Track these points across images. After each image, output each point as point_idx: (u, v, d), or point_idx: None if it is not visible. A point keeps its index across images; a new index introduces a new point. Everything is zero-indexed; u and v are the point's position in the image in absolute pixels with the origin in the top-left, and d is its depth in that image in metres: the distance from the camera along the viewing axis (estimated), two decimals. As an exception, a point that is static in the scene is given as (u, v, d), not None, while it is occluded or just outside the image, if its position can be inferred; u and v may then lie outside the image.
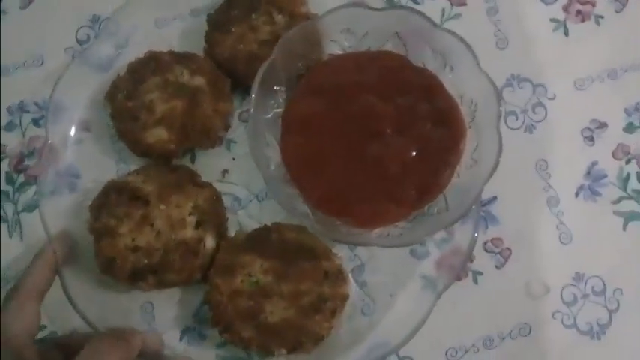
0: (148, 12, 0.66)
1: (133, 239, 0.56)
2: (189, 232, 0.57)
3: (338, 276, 0.57)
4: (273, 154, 0.59)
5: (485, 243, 0.63)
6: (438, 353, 0.60)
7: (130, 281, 0.56)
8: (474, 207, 0.56)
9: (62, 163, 0.62)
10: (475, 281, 0.62)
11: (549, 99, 0.67)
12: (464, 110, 0.58)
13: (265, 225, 0.59)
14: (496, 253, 0.63)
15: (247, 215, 0.63)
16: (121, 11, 0.65)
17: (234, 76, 0.63)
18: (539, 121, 0.66)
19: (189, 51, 0.64)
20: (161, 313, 0.60)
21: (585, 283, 0.62)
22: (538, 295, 0.62)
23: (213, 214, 0.59)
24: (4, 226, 0.63)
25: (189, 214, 0.58)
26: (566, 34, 0.69)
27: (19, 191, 0.64)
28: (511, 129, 0.66)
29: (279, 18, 0.64)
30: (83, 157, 0.63)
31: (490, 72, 0.65)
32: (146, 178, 0.59)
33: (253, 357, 0.59)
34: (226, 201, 0.62)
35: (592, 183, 0.65)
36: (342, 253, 0.60)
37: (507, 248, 0.63)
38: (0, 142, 0.66)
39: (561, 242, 0.63)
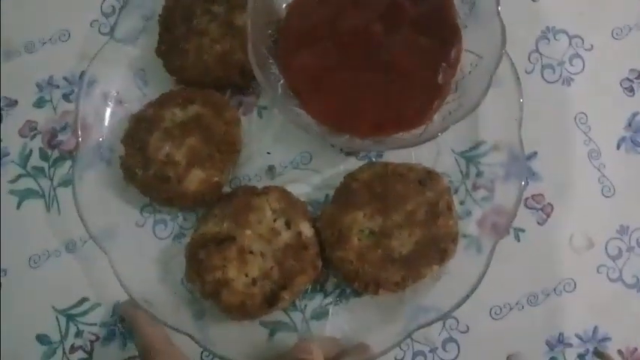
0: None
1: (246, 274, 0.55)
2: (285, 235, 0.57)
3: (430, 177, 0.58)
4: (308, 119, 0.58)
5: (526, 199, 0.62)
6: (482, 312, 0.60)
7: (269, 309, 0.55)
8: (520, 164, 0.57)
9: (96, 136, 0.62)
10: (517, 239, 0.61)
11: (586, 50, 0.65)
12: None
13: (340, 182, 0.59)
14: (538, 210, 0.62)
15: (315, 188, 0.62)
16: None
17: (217, 84, 0.62)
18: (577, 73, 0.65)
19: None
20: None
21: (630, 236, 0.61)
22: (582, 250, 0.61)
23: (292, 207, 0.58)
24: (41, 201, 0.63)
25: (274, 220, 0.57)
26: (601, -19, 0.67)
27: (54, 166, 0.64)
28: (548, 82, 0.64)
29: (218, 8, 0.62)
30: (117, 130, 0.62)
31: (524, 24, 0.65)
32: (215, 219, 0.58)
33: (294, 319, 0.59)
34: (291, 189, 0.60)
35: (633, 134, 0.63)
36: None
37: (549, 204, 0.62)
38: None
39: (604, 195, 0.62)
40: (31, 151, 0.65)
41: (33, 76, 0.66)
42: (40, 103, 0.66)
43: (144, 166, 0.59)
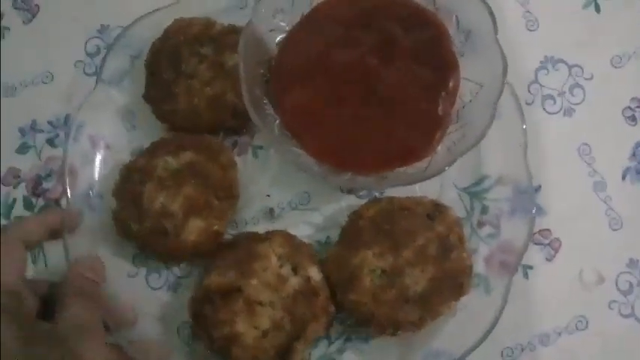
0: (162, 23, 0.62)
1: (256, 327, 0.52)
2: (293, 281, 0.53)
3: (439, 210, 0.56)
4: (308, 159, 0.56)
5: (533, 235, 0.59)
6: (494, 354, 0.58)
7: None
8: (527, 198, 0.56)
9: (83, 183, 0.59)
10: (526, 276, 0.59)
11: (586, 79, 0.64)
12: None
13: (345, 221, 0.57)
14: (545, 245, 0.60)
15: (317, 229, 0.60)
16: (137, 22, 0.62)
17: (210, 128, 0.60)
18: (578, 104, 0.64)
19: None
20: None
21: (640, 270, 0.60)
22: (592, 286, 0.59)
23: (297, 251, 0.55)
24: (26, 253, 0.60)
25: (280, 267, 0.54)
26: (597, 10, 0.66)
27: (40, 216, 0.61)
28: (549, 113, 0.63)
29: (207, 50, 0.60)
30: (105, 175, 0.60)
31: (522, 55, 0.63)
32: (218, 270, 0.54)
33: None
34: (292, 231, 0.58)
35: (638, 164, 0.62)
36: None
37: (556, 239, 0.60)
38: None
39: (612, 229, 0.60)
40: (14, 200, 0.61)
41: (15, 121, 0.63)
42: (23, 150, 0.63)
43: (139, 220, 0.56)
